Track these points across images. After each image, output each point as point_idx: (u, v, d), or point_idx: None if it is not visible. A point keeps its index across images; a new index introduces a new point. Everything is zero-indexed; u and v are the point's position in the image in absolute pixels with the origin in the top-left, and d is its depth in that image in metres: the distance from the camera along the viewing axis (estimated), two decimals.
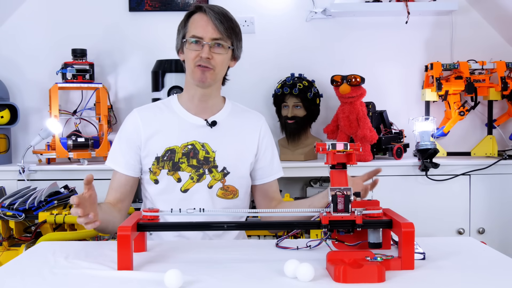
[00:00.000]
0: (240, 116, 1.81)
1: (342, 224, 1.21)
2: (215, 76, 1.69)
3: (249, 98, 2.92)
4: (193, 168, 1.69)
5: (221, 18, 1.66)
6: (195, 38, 1.66)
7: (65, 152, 2.66)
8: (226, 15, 1.69)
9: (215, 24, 1.65)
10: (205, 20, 1.66)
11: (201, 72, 1.66)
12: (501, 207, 2.65)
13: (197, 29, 1.66)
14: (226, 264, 1.23)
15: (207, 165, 1.70)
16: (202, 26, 1.66)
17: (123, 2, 2.96)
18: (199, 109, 1.74)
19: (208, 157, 1.70)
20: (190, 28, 1.68)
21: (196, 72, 1.67)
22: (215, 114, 1.76)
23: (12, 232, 2.06)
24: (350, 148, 1.25)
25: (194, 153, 1.70)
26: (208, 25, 1.65)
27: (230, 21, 1.69)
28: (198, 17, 1.68)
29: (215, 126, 1.73)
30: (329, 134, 2.83)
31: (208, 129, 1.73)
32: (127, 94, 3.00)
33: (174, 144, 1.70)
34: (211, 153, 1.70)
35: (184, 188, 1.69)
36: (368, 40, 3.01)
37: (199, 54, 1.65)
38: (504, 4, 2.82)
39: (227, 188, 1.71)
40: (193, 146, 1.70)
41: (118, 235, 1.16)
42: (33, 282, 1.12)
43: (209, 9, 1.66)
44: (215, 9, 1.68)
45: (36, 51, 2.96)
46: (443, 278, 1.14)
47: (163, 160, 1.70)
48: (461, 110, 2.82)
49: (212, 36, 1.65)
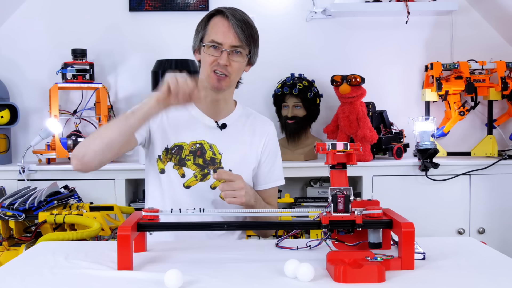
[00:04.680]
0: (249, 121, 1.80)
1: (342, 224, 1.21)
2: (230, 83, 1.70)
3: (249, 98, 2.91)
4: (198, 167, 1.69)
5: (242, 25, 1.64)
6: (214, 43, 1.65)
7: (65, 152, 2.66)
8: (247, 22, 1.67)
9: (236, 31, 1.64)
10: (226, 26, 1.64)
11: (217, 80, 1.65)
12: (501, 207, 2.65)
13: (217, 35, 1.64)
14: (226, 264, 1.23)
15: (212, 165, 1.70)
16: (222, 32, 1.64)
17: (123, 2, 2.96)
18: (210, 110, 1.74)
19: (215, 158, 1.70)
20: (210, 31, 1.67)
21: (212, 78, 1.66)
22: (226, 116, 1.76)
23: (12, 232, 2.06)
24: (350, 148, 1.25)
25: (202, 153, 1.70)
26: (229, 32, 1.64)
27: (250, 28, 1.67)
28: (219, 21, 1.66)
29: (225, 129, 1.74)
30: (329, 134, 2.83)
31: (218, 131, 1.73)
32: (127, 94, 3.00)
33: (182, 141, 1.70)
34: (218, 155, 1.71)
35: (186, 184, 1.69)
36: (368, 40, 3.01)
37: (216, 60, 1.64)
38: (504, 4, 2.82)
39: None
40: (201, 146, 1.70)
41: (118, 235, 1.16)
42: (33, 282, 1.12)
43: (232, 15, 1.65)
44: (237, 15, 1.66)
45: (36, 51, 2.96)
46: (443, 278, 1.14)
47: (171, 153, 1.70)
48: (461, 110, 2.82)
49: (232, 44, 1.64)
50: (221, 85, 1.67)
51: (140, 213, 1.32)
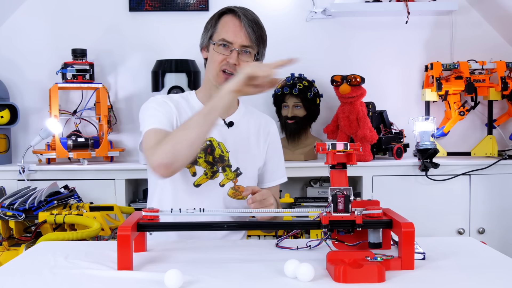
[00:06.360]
0: (254, 118, 1.81)
1: (342, 224, 1.21)
2: None
3: (249, 98, 2.88)
4: (208, 164, 1.69)
5: (253, 25, 1.65)
6: (225, 42, 1.65)
7: (65, 152, 2.66)
8: (258, 22, 1.69)
9: (248, 31, 1.64)
10: (238, 25, 1.65)
11: (226, 80, 1.65)
12: (501, 207, 2.65)
13: (228, 33, 1.65)
14: (226, 264, 1.23)
15: (221, 163, 1.70)
16: (233, 31, 1.65)
17: (123, 2, 2.96)
18: None
19: (223, 156, 1.70)
20: (220, 30, 1.67)
21: (220, 77, 1.66)
22: (231, 114, 1.76)
23: (12, 232, 2.06)
24: (350, 148, 1.26)
25: (211, 150, 1.70)
26: (240, 31, 1.65)
27: (261, 29, 1.69)
28: (230, 20, 1.67)
29: (231, 127, 1.74)
30: (329, 134, 2.83)
31: (225, 129, 1.73)
32: (127, 94, 3.00)
33: None
34: (226, 152, 1.71)
35: (197, 182, 1.69)
36: (368, 40, 3.01)
37: (226, 59, 1.65)
38: (504, 4, 2.82)
39: (237, 188, 1.71)
40: (210, 143, 1.70)
41: (118, 235, 1.16)
42: (33, 282, 1.12)
43: (243, 15, 1.66)
44: (248, 15, 1.67)
45: (36, 51, 2.96)
46: (443, 278, 1.14)
47: None
48: (461, 110, 2.82)
49: (243, 43, 1.65)
50: None
51: (140, 213, 1.33)
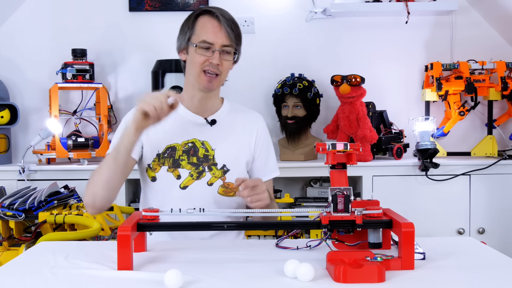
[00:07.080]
0: (239, 115, 1.81)
1: (342, 224, 1.21)
2: (220, 82, 1.72)
3: (249, 98, 2.92)
4: (193, 165, 1.70)
5: (231, 24, 1.67)
6: (206, 43, 1.65)
7: (65, 152, 2.66)
8: (235, 21, 1.70)
9: (227, 31, 1.65)
10: (217, 26, 1.66)
11: (208, 81, 1.67)
12: (501, 207, 2.65)
13: (208, 34, 1.65)
14: (226, 264, 1.23)
15: (206, 162, 1.70)
16: (213, 32, 1.65)
17: (123, 2, 2.96)
18: (199, 108, 1.75)
19: (208, 155, 1.71)
20: (199, 31, 1.67)
21: (202, 78, 1.67)
22: (215, 113, 1.77)
23: (12, 232, 2.06)
24: (350, 148, 1.26)
25: (194, 151, 1.70)
26: (220, 31, 1.65)
27: (237, 27, 1.70)
28: (208, 21, 1.67)
29: (215, 125, 1.74)
30: (329, 134, 2.83)
31: (208, 127, 1.74)
32: (127, 94, 3.00)
33: (175, 142, 1.71)
34: (211, 151, 1.71)
35: (183, 185, 1.69)
36: (368, 40, 3.01)
37: (208, 60, 1.65)
38: (504, 4, 2.82)
39: (227, 185, 1.71)
40: (193, 144, 1.71)
41: (118, 235, 1.16)
42: (33, 282, 1.12)
43: (221, 15, 1.66)
44: (226, 15, 1.68)
45: (36, 51, 2.96)
46: (443, 278, 1.14)
47: (163, 157, 1.70)
48: (461, 110, 2.82)
49: (223, 43, 1.66)
50: (212, 85, 1.68)
51: (140, 213, 1.33)
